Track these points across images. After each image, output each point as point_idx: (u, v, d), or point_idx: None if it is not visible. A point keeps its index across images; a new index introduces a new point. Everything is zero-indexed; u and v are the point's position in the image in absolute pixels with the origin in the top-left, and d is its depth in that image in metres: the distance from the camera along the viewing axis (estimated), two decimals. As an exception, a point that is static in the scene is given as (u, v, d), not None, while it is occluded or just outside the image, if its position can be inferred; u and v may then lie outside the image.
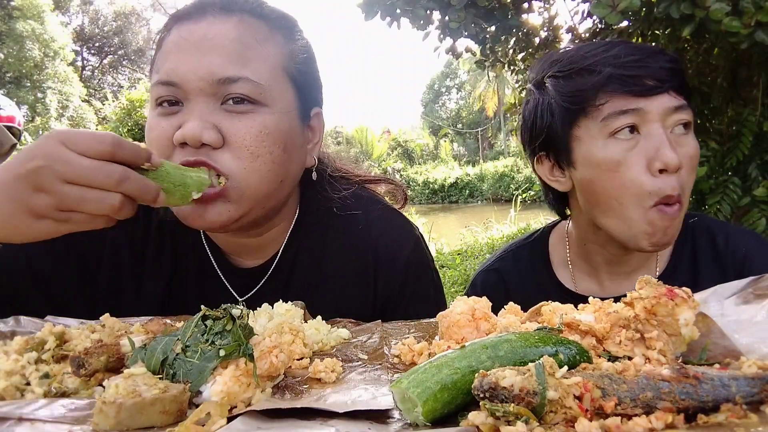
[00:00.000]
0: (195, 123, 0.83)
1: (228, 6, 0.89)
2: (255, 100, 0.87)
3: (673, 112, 0.94)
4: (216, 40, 0.85)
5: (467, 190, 30.79)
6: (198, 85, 0.85)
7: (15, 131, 2.71)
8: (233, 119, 0.86)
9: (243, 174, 0.87)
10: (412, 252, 1.09)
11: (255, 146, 0.86)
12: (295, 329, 0.87)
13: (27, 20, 23.81)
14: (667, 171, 0.92)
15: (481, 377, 0.54)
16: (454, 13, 2.64)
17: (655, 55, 0.96)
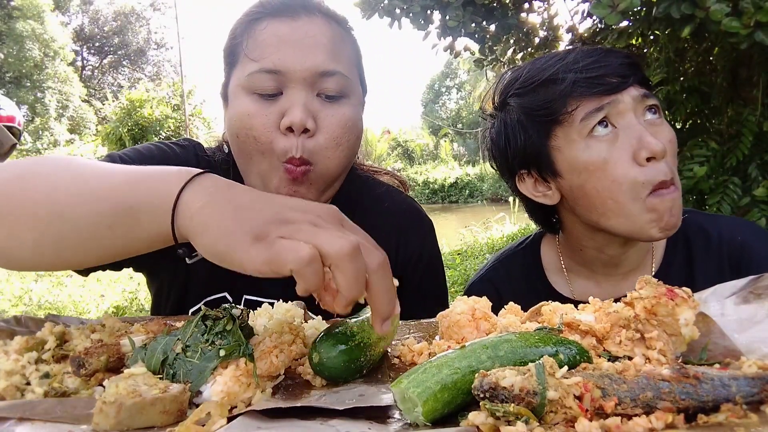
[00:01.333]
0: (301, 111, 0.93)
1: (314, 9, 1.00)
2: (343, 93, 0.99)
3: (641, 100, 0.97)
4: (317, 38, 0.96)
5: (467, 190, 30.79)
6: (302, 75, 0.94)
7: (15, 131, 2.71)
8: (326, 109, 0.97)
9: (326, 162, 0.98)
10: (428, 231, 1.21)
11: (339, 135, 0.98)
12: (295, 329, 0.87)
13: (27, 20, 23.81)
14: (655, 158, 0.93)
15: (481, 377, 0.54)
16: (452, 11, 2.64)
17: (611, 54, 0.99)
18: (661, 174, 0.93)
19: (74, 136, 23.06)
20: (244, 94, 0.97)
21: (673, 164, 0.96)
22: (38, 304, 5.89)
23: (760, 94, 2.24)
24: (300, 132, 0.94)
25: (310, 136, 0.96)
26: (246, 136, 0.97)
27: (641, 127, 0.94)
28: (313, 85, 0.96)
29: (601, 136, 0.97)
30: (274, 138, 0.95)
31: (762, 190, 2.16)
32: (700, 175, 2.25)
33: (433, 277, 1.21)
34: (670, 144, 0.95)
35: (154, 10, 34.93)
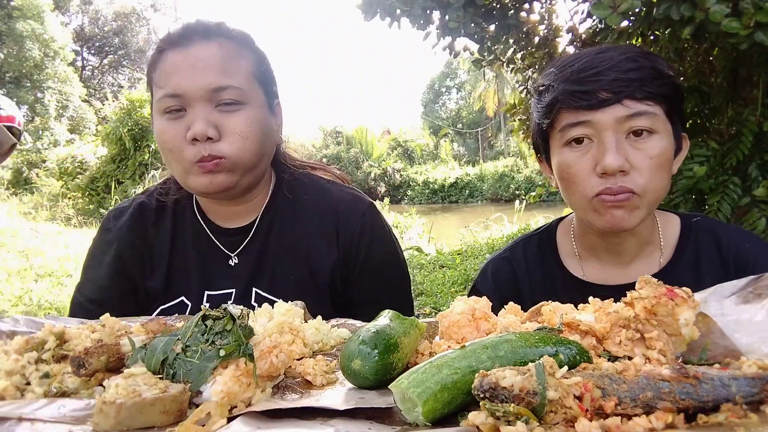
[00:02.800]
0: (201, 123, 1.11)
1: (207, 33, 1.17)
2: (239, 101, 1.16)
3: (626, 120, 1.02)
4: (207, 61, 1.14)
5: (467, 190, 30.77)
6: (198, 93, 1.12)
7: (15, 131, 2.70)
8: (226, 117, 1.14)
9: (237, 153, 1.15)
10: (367, 209, 1.35)
11: (244, 131, 1.15)
12: (295, 329, 0.87)
13: (27, 20, 23.79)
14: (607, 174, 1.02)
15: (481, 377, 0.54)
16: (453, 12, 2.63)
17: (618, 65, 1.02)
18: (611, 183, 1.03)
19: (74, 136, 23.05)
20: (159, 116, 1.17)
21: (651, 178, 1.02)
22: (38, 304, 5.89)
23: (760, 94, 2.24)
24: (204, 140, 1.12)
25: (215, 143, 1.13)
26: (163, 149, 1.17)
27: (610, 144, 1.02)
28: (211, 100, 1.13)
29: (575, 147, 1.07)
30: (184, 148, 1.13)
31: (762, 190, 2.16)
32: (700, 174, 2.25)
33: (381, 248, 1.35)
34: (647, 161, 1.02)
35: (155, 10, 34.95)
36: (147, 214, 1.34)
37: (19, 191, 15.30)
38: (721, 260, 1.14)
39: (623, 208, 1.04)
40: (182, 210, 1.34)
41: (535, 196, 4.11)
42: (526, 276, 1.28)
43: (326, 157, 31.57)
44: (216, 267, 1.29)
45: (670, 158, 1.05)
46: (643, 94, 1.01)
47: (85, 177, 14.45)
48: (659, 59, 1.08)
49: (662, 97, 1.03)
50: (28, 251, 8.07)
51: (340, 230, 1.30)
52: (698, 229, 1.19)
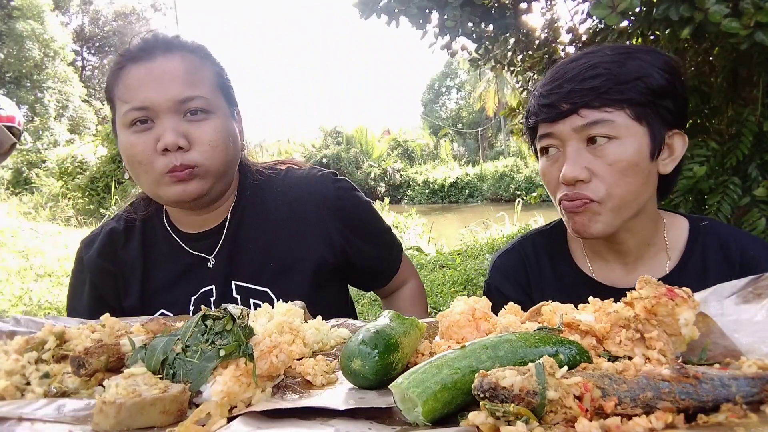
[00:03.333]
0: (171, 134, 1.14)
1: (168, 47, 1.20)
2: (206, 110, 1.19)
3: (582, 129, 1.05)
4: (172, 73, 1.16)
5: (467, 190, 30.77)
6: (167, 105, 1.15)
7: (15, 131, 2.70)
8: (194, 127, 1.17)
9: (208, 161, 1.19)
10: (334, 180, 1.39)
11: (213, 139, 1.19)
12: (295, 329, 0.87)
13: (27, 20, 23.79)
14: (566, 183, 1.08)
15: (481, 377, 0.54)
16: (450, 11, 2.63)
17: (577, 75, 1.06)
18: (565, 191, 1.09)
19: (74, 136, 23.04)
20: (125, 129, 1.18)
21: (613, 184, 1.05)
22: (38, 304, 5.89)
23: (760, 94, 2.24)
24: (175, 150, 1.15)
25: (185, 152, 1.16)
26: (132, 161, 1.19)
27: (570, 154, 1.07)
28: (179, 111, 1.16)
29: (548, 156, 1.14)
30: (154, 159, 1.16)
31: (762, 190, 2.15)
32: (700, 174, 2.25)
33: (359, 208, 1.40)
34: (607, 167, 1.05)
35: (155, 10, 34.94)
36: (116, 238, 1.38)
37: (19, 191, 15.30)
38: (728, 265, 1.15)
39: (581, 214, 1.09)
40: (152, 227, 1.38)
41: (535, 197, 4.10)
42: (536, 269, 1.30)
43: (326, 157, 31.56)
44: (196, 271, 1.32)
45: (636, 163, 1.05)
46: (600, 102, 1.03)
47: (85, 177, 14.45)
48: (643, 58, 1.06)
49: (625, 102, 1.03)
50: (28, 251, 8.08)
51: (319, 203, 1.34)
52: (706, 234, 1.19)
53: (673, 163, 1.12)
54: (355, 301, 5.62)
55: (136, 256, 1.35)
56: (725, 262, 1.15)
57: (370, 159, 31.99)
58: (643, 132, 1.06)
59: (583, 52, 1.13)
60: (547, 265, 1.29)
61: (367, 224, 1.40)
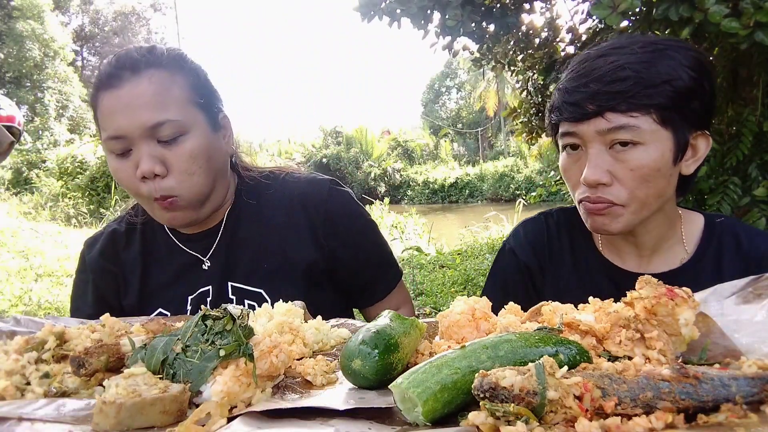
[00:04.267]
0: (146, 162, 1.14)
1: (136, 67, 1.16)
2: (179, 132, 1.16)
3: (607, 133, 1.03)
4: (139, 99, 1.14)
5: (467, 190, 30.75)
6: (138, 133, 1.13)
7: (15, 131, 2.70)
8: (170, 151, 1.16)
9: (187, 190, 1.18)
10: (331, 187, 1.37)
11: (189, 166, 1.17)
12: (295, 329, 0.87)
13: (27, 20, 23.77)
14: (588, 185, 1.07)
15: (481, 377, 0.54)
16: (451, 10, 2.63)
17: (604, 76, 1.02)
18: (588, 193, 1.08)
19: (74, 136, 23.02)
20: (109, 154, 1.19)
21: (635, 189, 1.05)
22: (38, 304, 5.89)
23: (760, 94, 2.24)
24: (153, 177, 1.15)
25: (164, 177, 1.16)
26: (120, 185, 1.21)
27: (591, 157, 1.06)
28: (152, 136, 1.14)
29: (570, 153, 1.12)
30: (137, 185, 1.17)
31: (762, 190, 2.16)
32: (700, 174, 2.25)
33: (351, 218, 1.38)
34: (628, 173, 1.04)
35: (155, 10, 34.92)
36: (117, 239, 1.40)
37: (19, 191, 15.30)
38: (741, 260, 1.16)
39: (603, 216, 1.08)
40: (151, 228, 1.39)
41: (535, 197, 4.10)
42: (556, 242, 1.30)
43: (326, 157, 31.55)
44: (192, 272, 1.33)
45: (659, 169, 1.04)
46: (627, 106, 1.01)
47: (85, 177, 14.44)
48: (674, 56, 1.03)
49: (653, 107, 1.01)
50: (28, 251, 8.08)
51: (311, 213, 1.33)
52: (721, 229, 1.20)
53: (695, 164, 1.12)
54: (355, 301, 5.62)
55: (136, 256, 1.37)
56: (739, 258, 1.16)
57: (370, 159, 31.98)
58: (668, 136, 1.04)
59: (612, 46, 1.08)
60: (567, 241, 1.30)
61: (356, 234, 1.38)
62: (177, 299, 1.31)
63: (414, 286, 5.84)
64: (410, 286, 5.90)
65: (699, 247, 1.19)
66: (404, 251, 7.72)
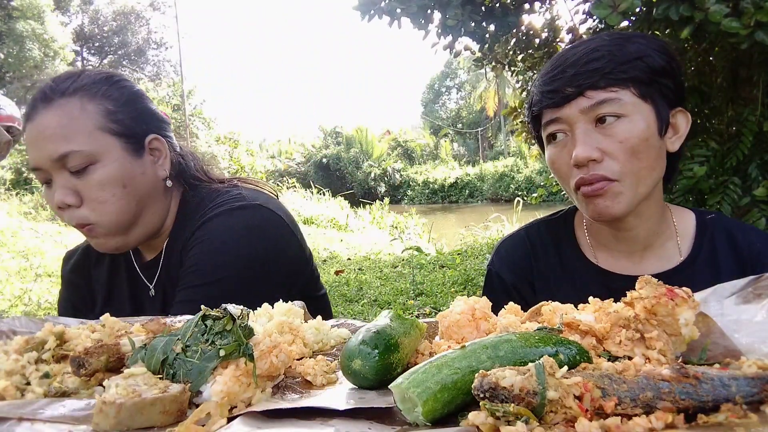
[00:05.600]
0: (59, 194, 1.14)
1: (48, 97, 1.15)
2: (86, 162, 1.14)
3: (590, 110, 1.06)
4: (46, 131, 1.13)
5: (467, 190, 30.77)
6: (48, 165, 1.14)
7: (15, 131, 2.70)
8: (81, 181, 1.15)
9: (101, 218, 1.17)
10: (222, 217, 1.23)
11: (99, 196, 1.15)
12: (295, 329, 0.87)
13: (27, 20, 23.77)
14: (579, 165, 1.07)
15: (481, 377, 0.54)
16: (452, 10, 2.63)
17: (579, 59, 1.07)
18: (580, 174, 1.08)
19: (74, 136, 23.03)
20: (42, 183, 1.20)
21: (626, 162, 1.05)
22: (38, 304, 5.89)
23: (760, 94, 2.24)
24: (66, 208, 1.16)
25: (78, 207, 1.16)
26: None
27: (578, 136, 1.07)
28: (62, 167, 1.14)
29: (556, 142, 1.13)
30: (61, 214, 1.18)
31: (762, 190, 2.15)
32: (700, 174, 2.25)
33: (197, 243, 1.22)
34: (618, 145, 1.05)
35: (154, 9, 34.92)
36: (90, 256, 1.43)
37: (19, 191, 15.29)
38: (736, 257, 1.16)
39: (603, 197, 1.08)
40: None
41: (536, 198, 4.09)
42: (541, 256, 1.30)
43: (326, 157, 31.56)
44: (143, 298, 1.34)
45: (646, 138, 1.06)
46: (605, 82, 1.05)
47: (85, 177, 14.42)
48: (640, 41, 1.09)
49: (630, 81, 1.05)
50: (28, 251, 8.08)
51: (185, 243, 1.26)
52: (713, 226, 1.20)
53: (678, 141, 1.13)
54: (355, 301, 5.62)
55: (103, 275, 1.40)
56: (734, 255, 1.16)
57: (370, 159, 31.98)
58: (649, 109, 1.07)
59: (581, 41, 1.14)
60: (553, 252, 1.29)
61: (194, 265, 1.20)
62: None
63: (414, 286, 5.84)
64: (410, 286, 5.90)
65: (694, 244, 1.19)
66: (404, 251, 7.72)
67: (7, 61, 23.92)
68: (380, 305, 5.40)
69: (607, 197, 1.07)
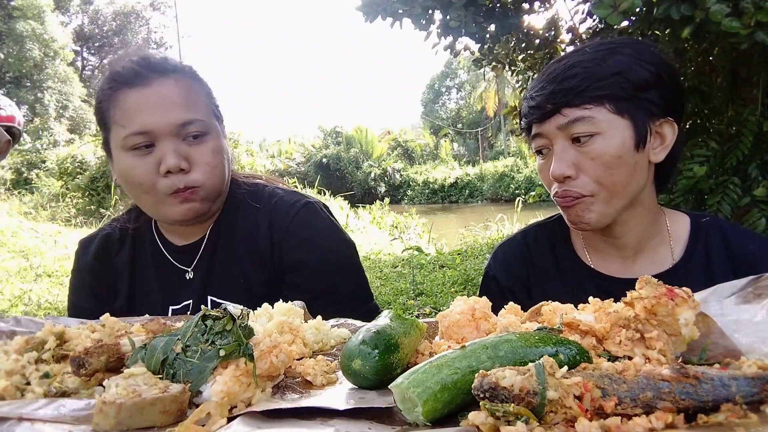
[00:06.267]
0: (173, 157, 1.18)
1: (163, 70, 1.22)
2: (204, 132, 1.23)
3: (566, 127, 1.09)
4: (170, 98, 1.20)
5: (467, 190, 30.77)
6: (167, 129, 1.18)
7: (15, 131, 2.70)
8: (194, 149, 1.22)
9: (209, 181, 1.24)
10: (299, 210, 1.35)
11: (211, 161, 1.24)
12: (295, 329, 0.88)
13: (27, 20, 23.78)
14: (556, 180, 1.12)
15: (481, 377, 0.54)
16: (454, 11, 2.63)
17: (556, 77, 1.09)
18: (556, 188, 1.13)
19: (74, 136, 23.03)
20: (123, 152, 1.20)
21: (602, 176, 1.08)
22: (38, 304, 5.89)
23: (760, 94, 2.24)
24: (177, 172, 1.19)
25: (186, 174, 1.20)
26: (133, 183, 1.22)
27: (557, 152, 1.11)
28: (179, 134, 1.19)
29: (542, 154, 1.18)
30: (156, 181, 1.19)
31: (762, 190, 2.15)
32: (700, 174, 2.25)
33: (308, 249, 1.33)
34: (590, 161, 1.08)
35: (154, 9, 34.91)
36: (111, 244, 1.43)
37: (19, 191, 15.30)
38: (730, 260, 1.16)
39: (574, 207, 1.13)
40: (141, 235, 1.43)
41: (534, 196, 4.10)
42: (537, 259, 1.31)
43: (326, 157, 31.55)
44: (175, 282, 1.36)
45: (620, 155, 1.07)
46: (579, 100, 1.07)
47: (85, 177, 14.44)
48: (625, 52, 1.08)
49: (605, 97, 1.06)
50: (28, 251, 8.08)
51: (273, 235, 1.33)
52: (708, 229, 1.21)
53: (664, 152, 1.14)
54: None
55: (125, 262, 1.41)
56: (728, 257, 1.16)
57: (370, 159, 31.98)
58: (626, 124, 1.08)
59: (567, 53, 1.17)
60: (549, 256, 1.31)
61: (313, 272, 1.31)
62: (159, 307, 1.33)
63: (414, 286, 5.84)
64: (410, 286, 5.90)
65: (687, 247, 1.19)
66: (404, 251, 7.72)
67: (7, 61, 23.91)
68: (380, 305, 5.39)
69: (577, 207, 1.12)
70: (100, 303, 1.37)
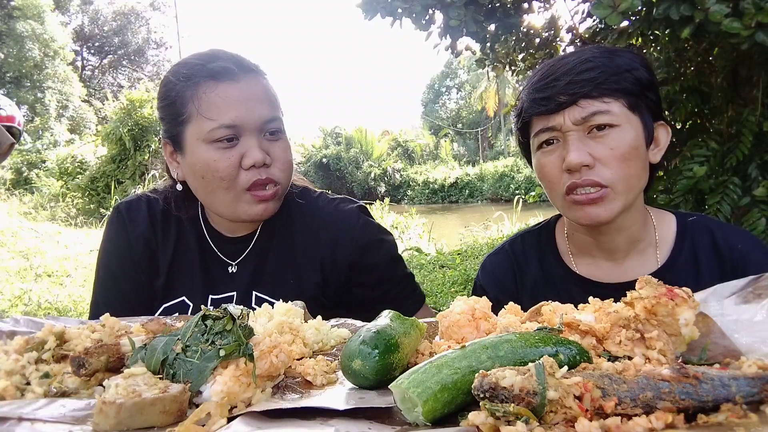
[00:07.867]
0: (259, 152, 1.21)
1: (248, 68, 1.26)
2: (280, 130, 1.28)
3: (583, 121, 1.08)
4: (259, 94, 1.24)
5: (467, 190, 30.76)
6: (255, 125, 1.22)
7: (15, 131, 2.70)
8: (273, 145, 1.26)
9: (285, 179, 1.28)
10: (360, 215, 1.41)
11: (285, 160, 1.28)
12: (295, 329, 0.88)
13: (27, 20, 23.78)
14: (572, 170, 1.09)
15: (481, 377, 0.54)
16: (454, 11, 2.63)
17: (573, 68, 1.09)
18: (574, 178, 1.09)
19: (74, 136, 23.02)
20: (204, 145, 1.21)
21: (617, 169, 1.07)
22: (38, 304, 5.89)
23: (760, 94, 2.24)
24: (260, 166, 1.22)
25: (267, 167, 1.23)
26: (212, 177, 1.21)
27: (571, 142, 1.08)
28: (261, 130, 1.23)
29: (546, 150, 1.15)
30: (237, 174, 1.21)
31: (762, 190, 2.15)
32: (700, 174, 2.25)
33: (382, 250, 1.40)
34: (609, 152, 1.07)
35: (154, 9, 34.90)
36: (157, 216, 1.41)
37: (19, 191, 15.30)
38: (718, 259, 1.16)
39: (596, 204, 1.09)
40: (183, 220, 1.41)
41: (534, 196, 4.10)
42: (525, 269, 1.32)
43: (326, 157, 31.56)
44: (217, 273, 1.35)
45: (636, 148, 1.08)
46: (598, 92, 1.07)
47: (85, 177, 14.45)
48: (626, 55, 1.12)
49: (620, 92, 1.08)
50: (28, 251, 8.07)
51: (332, 239, 1.36)
52: (694, 228, 1.21)
53: (659, 153, 1.16)
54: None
55: (170, 239, 1.39)
56: (716, 257, 1.17)
57: (370, 159, 31.98)
58: (637, 121, 1.10)
59: (570, 52, 1.17)
60: (536, 263, 1.31)
61: (382, 268, 1.39)
62: (200, 293, 1.33)
63: (414, 286, 5.82)
64: (410, 286, 5.88)
65: (673, 249, 1.20)
66: (404, 251, 7.72)
67: (7, 61, 23.91)
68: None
69: (598, 204, 1.09)
70: (140, 272, 1.35)
